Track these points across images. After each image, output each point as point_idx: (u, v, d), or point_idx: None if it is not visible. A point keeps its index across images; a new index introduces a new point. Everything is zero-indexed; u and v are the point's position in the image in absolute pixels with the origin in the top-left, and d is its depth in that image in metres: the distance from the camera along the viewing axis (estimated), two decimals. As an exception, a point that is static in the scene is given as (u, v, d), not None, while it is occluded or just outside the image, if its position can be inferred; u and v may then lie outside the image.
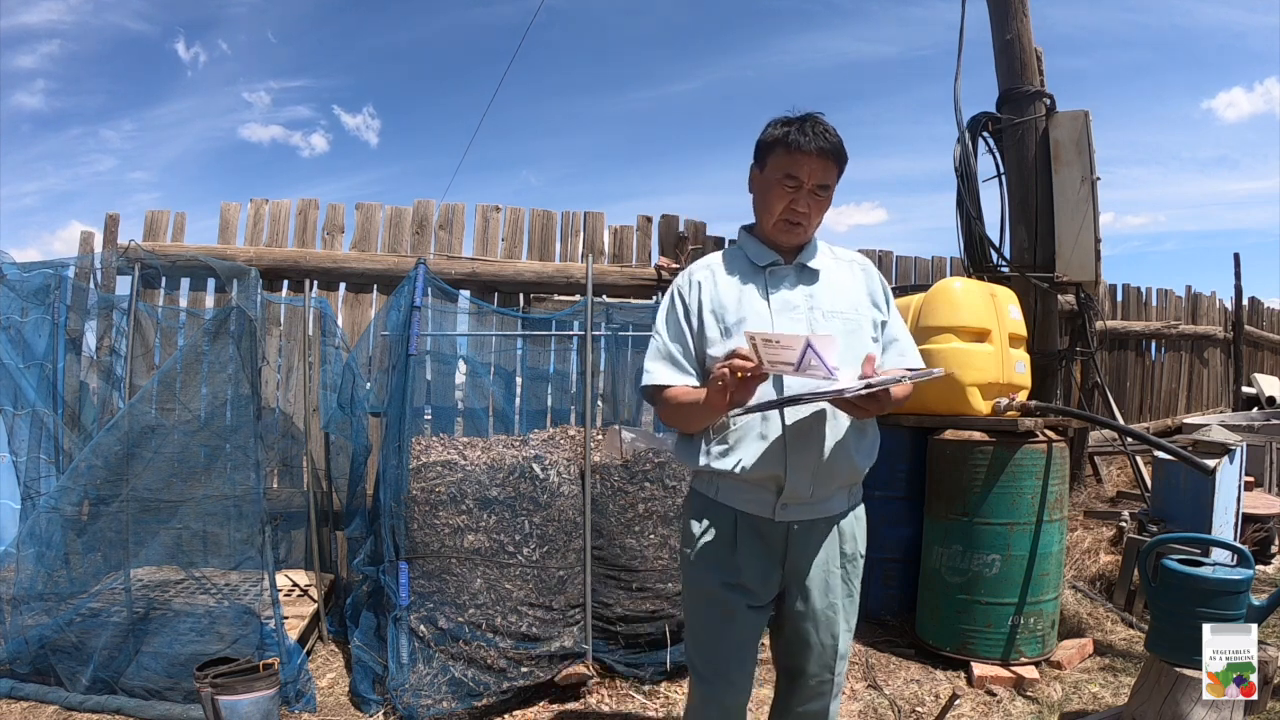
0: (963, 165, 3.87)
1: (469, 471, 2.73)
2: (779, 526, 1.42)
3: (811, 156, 1.36)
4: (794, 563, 1.45)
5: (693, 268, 1.53)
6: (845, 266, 1.53)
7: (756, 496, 1.42)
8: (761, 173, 1.45)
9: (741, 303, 1.44)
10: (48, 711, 2.41)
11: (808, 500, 1.41)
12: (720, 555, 1.45)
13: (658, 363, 1.47)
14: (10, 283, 2.96)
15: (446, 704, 2.36)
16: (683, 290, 1.50)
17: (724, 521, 1.45)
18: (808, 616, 1.47)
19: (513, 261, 3.74)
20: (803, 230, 1.44)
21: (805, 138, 1.36)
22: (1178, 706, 1.87)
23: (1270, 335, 8.50)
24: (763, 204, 1.46)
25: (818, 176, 1.39)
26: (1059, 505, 2.76)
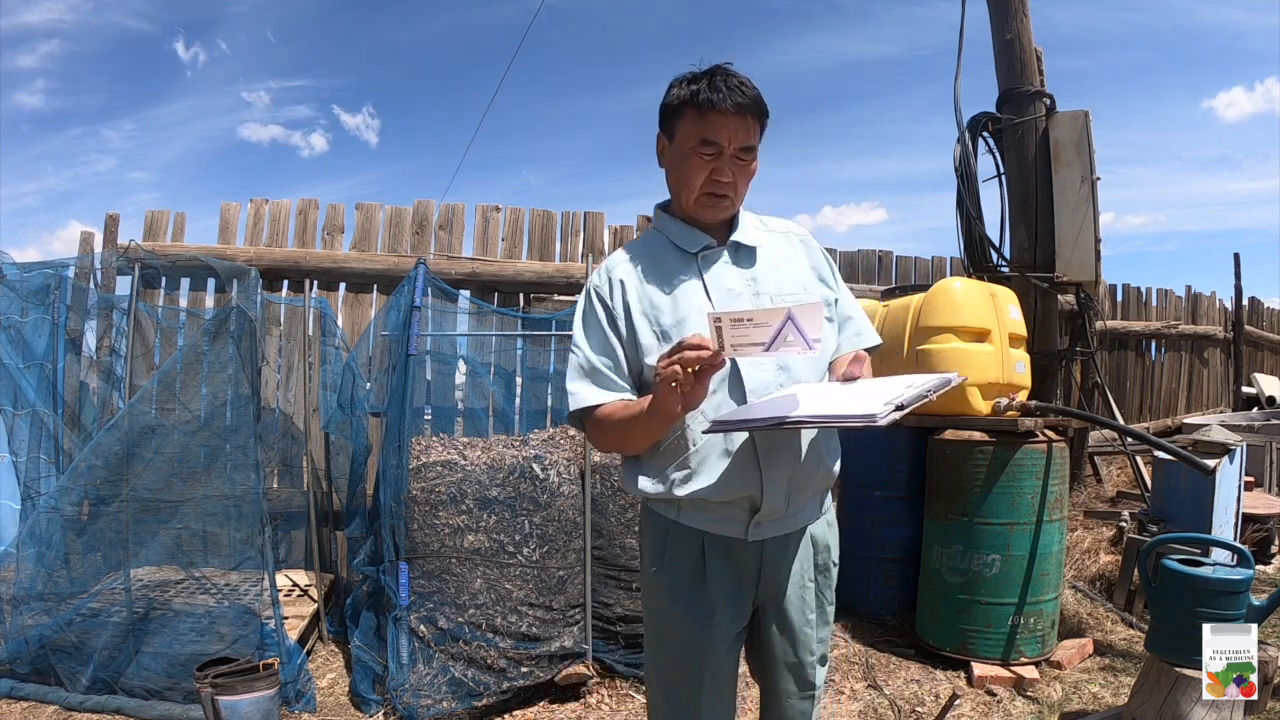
0: (963, 165, 3.87)
1: (469, 471, 2.73)
2: (752, 546, 1.24)
3: (729, 115, 1.15)
4: (768, 583, 1.28)
5: (609, 263, 1.30)
6: (782, 240, 1.34)
7: (727, 517, 1.23)
8: (672, 143, 1.24)
9: (677, 300, 1.22)
10: (48, 711, 2.41)
11: (783, 514, 1.23)
12: (687, 587, 1.26)
13: (582, 381, 1.23)
14: (10, 283, 2.96)
15: (446, 704, 2.36)
16: (602, 292, 1.26)
17: (689, 547, 1.25)
18: (786, 638, 1.31)
19: (513, 261, 3.74)
20: (729, 203, 1.24)
21: (718, 94, 1.15)
22: (1178, 706, 1.86)
23: (1270, 335, 8.50)
24: (679, 178, 1.25)
25: (739, 138, 1.18)
26: (1059, 505, 2.76)
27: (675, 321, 1.20)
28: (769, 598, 1.29)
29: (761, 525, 1.22)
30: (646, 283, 1.25)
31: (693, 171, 1.21)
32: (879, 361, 1.33)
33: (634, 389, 1.23)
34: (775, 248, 1.31)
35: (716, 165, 1.19)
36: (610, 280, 1.26)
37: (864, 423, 0.93)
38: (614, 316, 1.24)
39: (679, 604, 1.27)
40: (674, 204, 1.30)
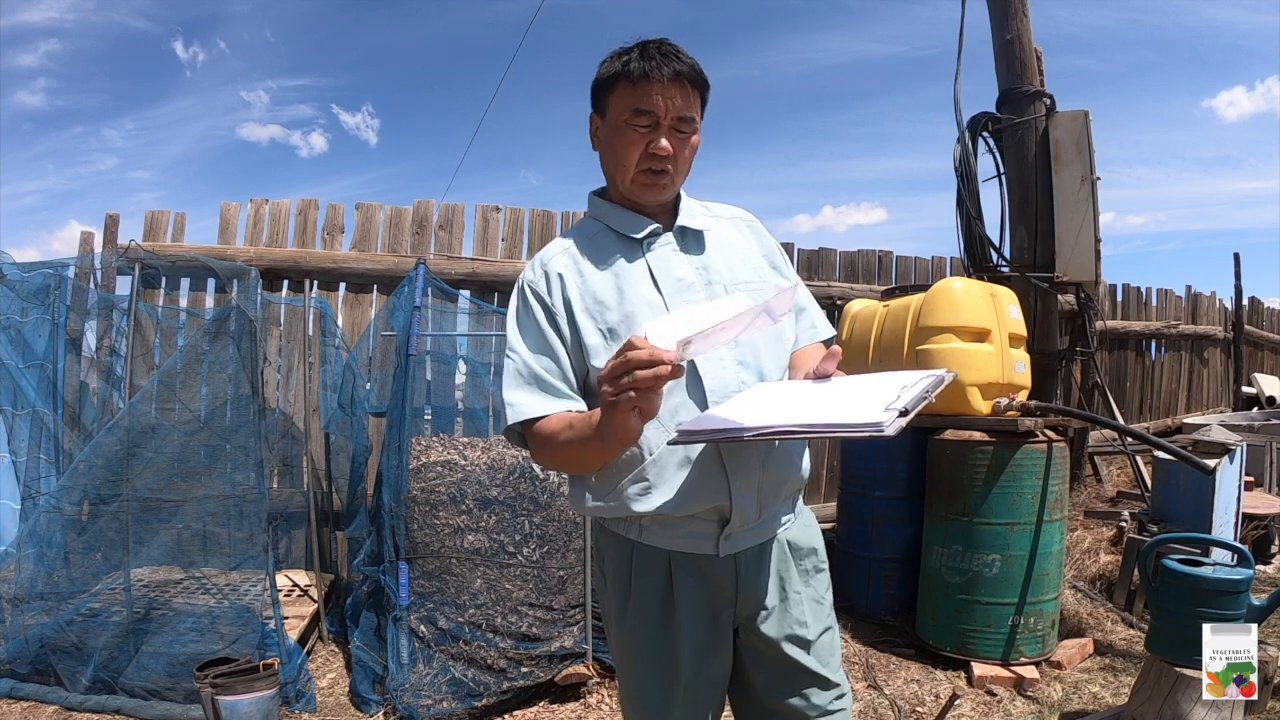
0: (963, 165, 3.87)
1: (469, 471, 2.73)
2: (724, 563, 1.10)
3: (663, 83, 1.05)
4: (748, 600, 1.13)
5: (543, 256, 1.16)
6: (729, 225, 1.22)
7: (694, 532, 1.09)
8: (604, 119, 1.13)
9: (623, 293, 1.09)
10: (48, 711, 2.41)
11: (755, 523, 1.10)
12: (655, 620, 1.12)
13: (521, 390, 1.08)
14: (10, 283, 2.96)
15: (446, 704, 2.36)
16: (538, 288, 1.12)
17: (656, 571, 1.11)
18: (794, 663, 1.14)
19: (513, 261, 3.74)
20: (668, 180, 1.11)
21: (650, 62, 1.05)
22: (1178, 706, 1.86)
23: (1270, 335, 8.50)
24: (613, 157, 1.12)
25: (676, 106, 1.07)
26: (1059, 505, 2.76)
27: (622, 318, 1.08)
28: (750, 615, 1.14)
29: (733, 538, 1.09)
30: (587, 276, 1.11)
31: (627, 147, 1.09)
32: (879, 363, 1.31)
33: (579, 394, 1.09)
34: (723, 233, 1.20)
35: (652, 138, 1.08)
36: (547, 275, 1.12)
37: (870, 432, 0.83)
38: (553, 315, 1.10)
39: (645, 638, 1.13)
40: (610, 189, 1.18)
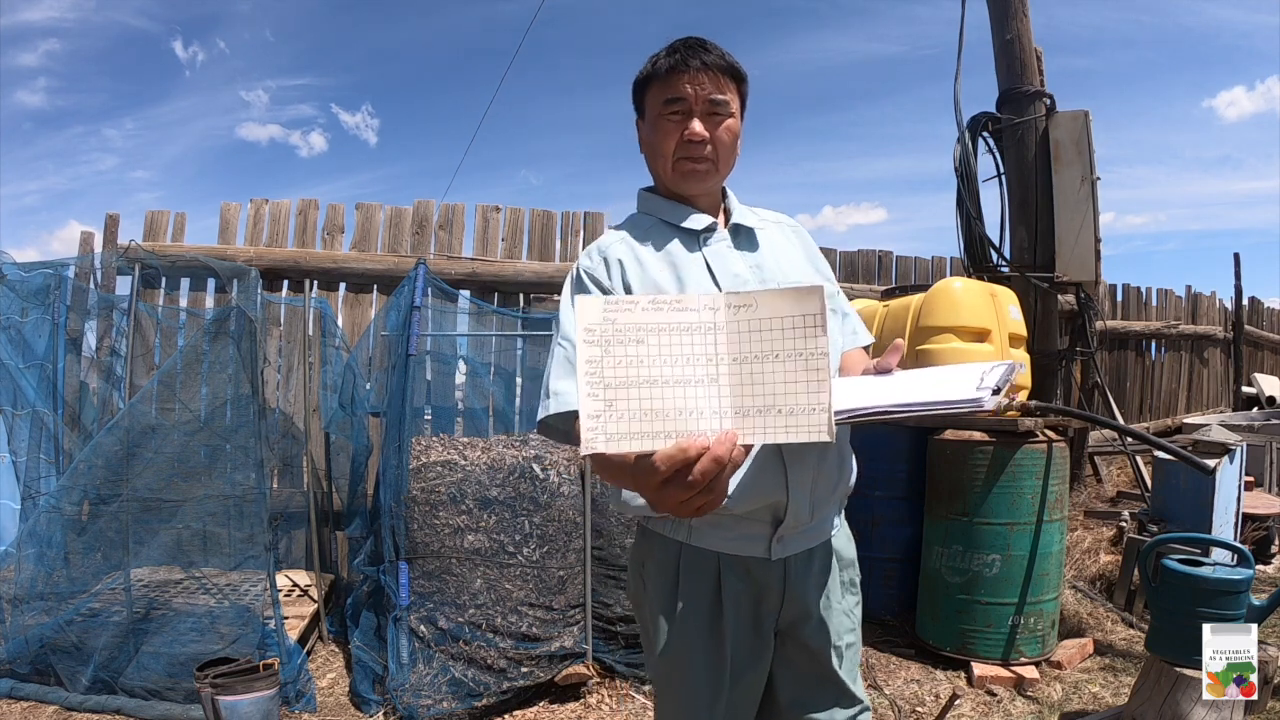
0: (963, 165, 3.87)
1: (469, 471, 2.73)
2: (774, 567, 1.07)
3: (692, 71, 1.06)
4: (793, 606, 1.10)
5: (601, 244, 1.13)
6: (775, 228, 1.21)
7: (747, 533, 1.06)
8: (644, 119, 1.14)
9: (684, 284, 1.07)
10: (48, 711, 2.41)
11: (807, 525, 1.08)
12: (702, 626, 1.08)
13: (570, 379, 1.00)
14: (10, 283, 2.96)
15: (446, 704, 2.36)
16: (596, 273, 1.08)
17: (704, 574, 1.08)
18: (824, 675, 1.13)
19: (513, 261, 3.74)
20: (710, 169, 1.10)
21: (676, 56, 1.07)
22: (1178, 706, 1.86)
23: (1270, 335, 8.50)
24: (652, 151, 1.12)
25: (706, 90, 1.06)
26: (1059, 505, 2.76)
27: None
28: (792, 622, 1.11)
29: (785, 540, 1.06)
30: (646, 265, 1.09)
31: (663, 137, 1.09)
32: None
33: None
34: (772, 234, 1.20)
35: (686, 124, 1.07)
36: (606, 261, 1.09)
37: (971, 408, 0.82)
38: None
39: (698, 641, 1.08)
40: (657, 186, 1.19)
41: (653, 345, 0.75)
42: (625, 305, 0.76)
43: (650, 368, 0.74)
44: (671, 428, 0.73)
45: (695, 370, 0.75)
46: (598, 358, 0.74)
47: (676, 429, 0.73)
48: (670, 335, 0.75)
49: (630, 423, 0.73)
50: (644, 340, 0.75)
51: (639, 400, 0.74)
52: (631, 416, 0.73)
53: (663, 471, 0.71)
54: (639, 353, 0.75)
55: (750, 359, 0.75)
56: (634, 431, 0.73)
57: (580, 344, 0.74)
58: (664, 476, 0.72)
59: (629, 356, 0.74)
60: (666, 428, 0.73)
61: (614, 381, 0.73)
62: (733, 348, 0.75)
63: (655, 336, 0.75)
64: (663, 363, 0.75)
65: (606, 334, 0.75)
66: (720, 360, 0.75)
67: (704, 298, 0.76)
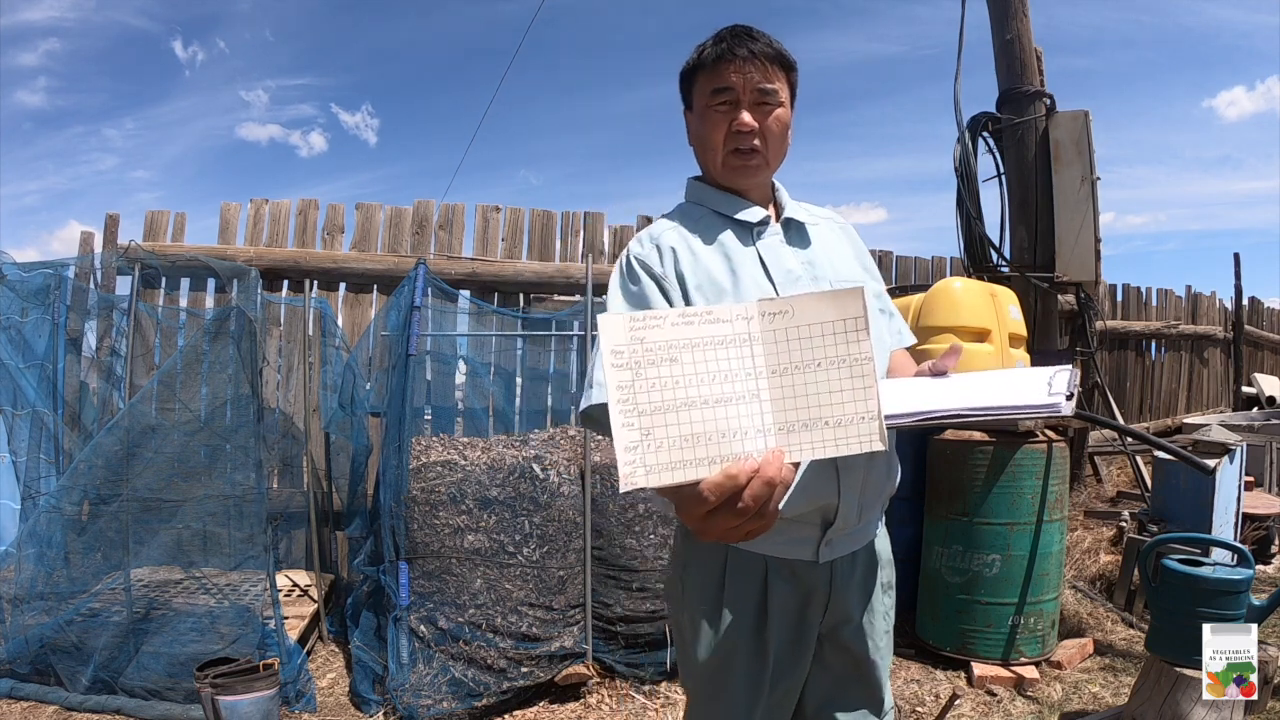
0: (963, 165, 3.87)
1: (469, 471, 2.73)
2: (821, 570, 1.05)
3: (738, 60, 1.03)
4: (837, 610, 1.08)
5: (653, 231, 1.09)
6: (826, 225, 1.19)
7: (796, 536, 1.03)
8: (692, 111, 1.12)
9: (738, 277, 1.04)
10: (48, 711, 2.41)
11: (854, 527, 1.06)
12: (746, 631, 1.06)
13: None
14: (10, 283, 2.96)
15: (446, 704, 2.36)
16: (647, 261, 1.05)
17: (751, 577, 1.05)
18: (856, 680, 1.12)
19: (513, 262, 3.74)
20: (760, 160, 1.07)
21: (723, 45, 1.04)
22: (1178, 706, 1.86)
23: (1270, 335, 8.50)
24: (701, 144, 1.10)
25: (753, 80, 1.03)
26: (1059, 505, 2.76)
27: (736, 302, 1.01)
28: (834, 626, 1.10)
29: (832, 543, 1.05)
30: (699, 254, 1.06)
31: (711, 129, 1.07)
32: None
33: None
34: (823, 231, 1.17)
35: (734, 115, 1.05)
36: (659, 248, 1.06)
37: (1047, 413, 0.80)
38: (666, 290, 1.03)
39: (743, 646, 1.06)
40: (706, 177, 1.16)
41: (687, 364, 0.70)
42: (654, 321, 0.70)
43: (687, 388, 0.69)
44: (715, 452, 0.68)
45: (734, 386, 0.70)
46: (628, 382, 0.68)
47: (720, 453, 0.68)
48: (704, 350, 0.70)
49: (670, 451, 0.68)
50: (677, 358, 0.70)
51: (678, 426, 0.68)
52: (671, 444, 0.68)
53: (712, 502, 0.67)
54: (673, 373, 0.69)
55: (791, 369, 0.71)
56: (675, 461, 0.68)
57: (608, 368, 0.68)
58: (712, 506, 0.68)
59: (663, 378, 0.69)
60: (710, 453, 0.68)
61: (649, 407, 0.68)
62: (771, 359, 0.71)
63: (689, 353, 0.70)
64: (699, 381, 0.69)
65: (636, 355, 0.69)
66: (759, 373, 0.71)
67: (735, 307, 0.72)
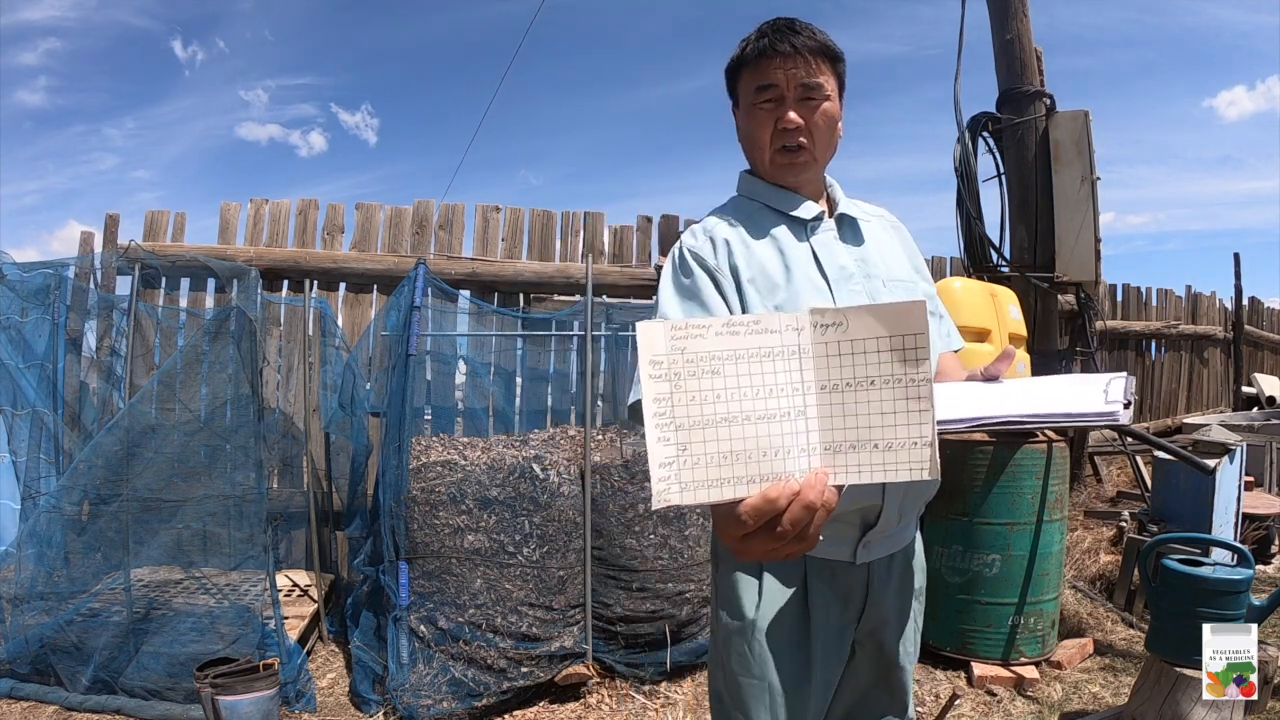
0: (963, 165, 3.87)
1: (469, 471, 2.73)
2: (859, 571, 1.05)
3: (781, 56, 1.01)
4: (873, 613, 1.07)
5: (705, 224, 1.09)
6: (878, 223, 1.17)
7: (837, 535, 1.03)
8: (738, 108, 1.10)
9: (791, 272, 1.02)
10: (48, 711, 2.41)
11: (893, 529, 1.06)
12: (789, 632, 1.04)
13: None
14: (10, 283, 2.96)
15: (446, 704, 2.36)
16: (702, 253, 1.04)
17: (789, 579, 1.04)
18: (883, 685, 1.11)
19: (513, 261, 3.74)
20: (807, 157, 1.05)
21: (765, 40, 1.02)
22: (1178, 706, 1.86)
23: (1270, 335, 8.50)
24: (749, 142, 1.09)
25: (798, 75, 1.01)
26: (1059, 505, 2.76)
27: (790, 297, 1.01)
28: (869, 631, 1.09)
29: (870, 545, 1.04)
30: (753, 248, 1.04)
31: (758, 127, 1.05)
32: None
33: None
34: (875, 228, 1.15)
35: (780, 112, 1.03)
36: (713, 240, 1.04)
37: (1107, 421, 0.79)
38: (719, 282, 1.01)
39: (785, 650, 1.03)
40: (757, 173, 1.14)
41: (730, 376, 0.65)
42: (696, 331, 0.66)
43: (729, 403, 0.65)
44: (755, 471, 0.65)
45: (780, 402, 0.65)
46: (666, 394, 0.64)
47: (760, 473, 0.65)
48: (749, 363, 0.66)
49: (708, 469, 0.64)
50: (719, 370, 0.65)
51: (717, 442, 0.64)
52: (709, 461, 0.64)
53: (749, 525, 0.64)
54: (714, 385, 0.65)
55: (841, 386, 0.66)
56: (713, 479, 0.64)
57: (646, 380, 0.64)
58: (750, 530, 0.65)
59: (703, 391, 0.65)
60: (749, 471, 0.65)
61: (687, 422, 0.64)
62: (820, 374, 0.66)
63: (733, 365, 0.65)
64: (742, 396, 0.65)
65: (675, 366, 0.65)
66: (807, 389, 0.66)
67: (785, 317, 0.67)
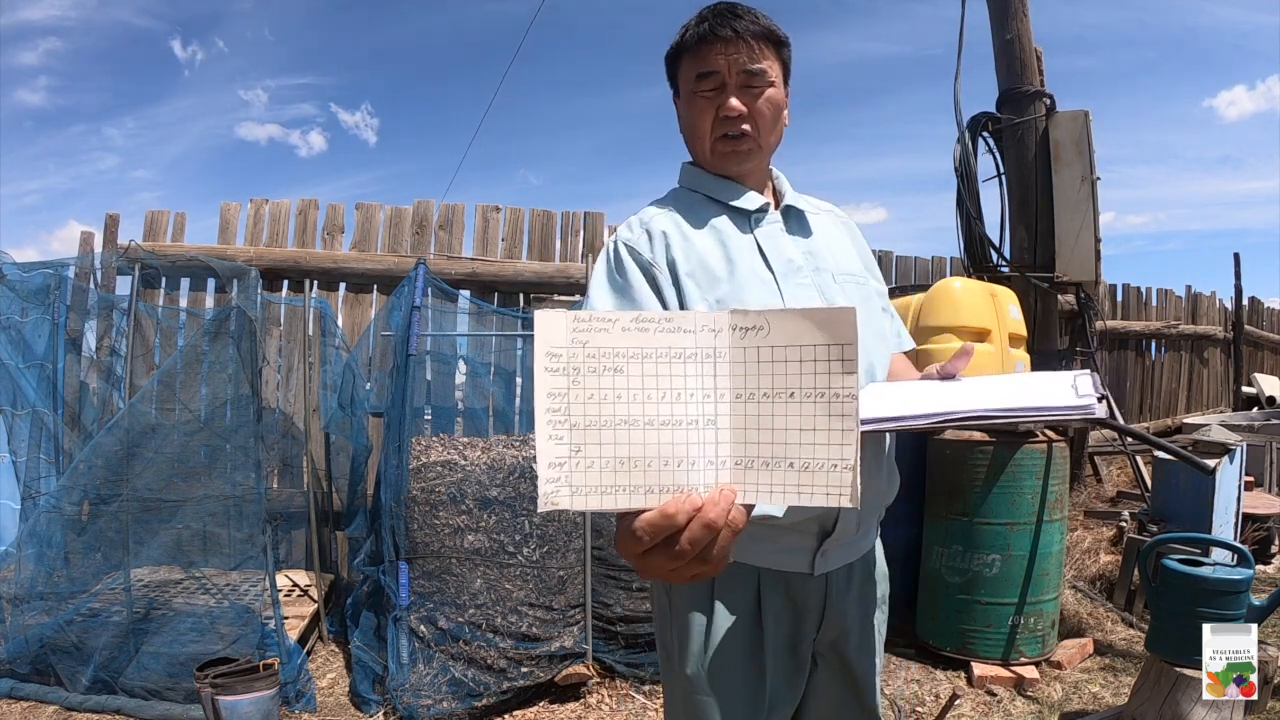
0: (963, 165, 3.87)
1: (469, 471, 2.73)
2: (816, 583, 0.99)
3: (722, 41, 0.96)
4: (832, 624, 1.02)
5: (642, 216, 1.02)
6: (826, 217, 1.12)
7: (792, 546, 0.97)
8: (679, 96, 1.05)
9: (734, 264, 0.97)
10: (48, 711, 2.41)
11: (851, 537, 1.00)
12: (739, 650, 0.98)
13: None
14: (10, 283, 2.96)
15: (446, 704, 2.36)
16: (636, 246, 0.98)
17: (743, 592, 0.98)
18: (850, 687, 1.06)
19: (513, 261, 3.74)
20: (750, 145, 1.00)
21: (705, 25, 0.98)
22: (1178, 706, 1.86)
23: (1270, 335, 8.50)
24: (689, 131, 1.04)
25: (739, 61, 0.96)
26: (1059, 505, 2.76)
27: (733, 290, 0.95)
28: (830, 643, 1.03)
29: (828, 554, 0.98)
30: (692, 240, 0.98)
31: (698, 115, 1.01)
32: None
33: None
34: (824, 222, 1.11)
35: (720, 100, 0.98)
36: (649, 233, 0.98)
37: (1080, 414, 0.75)
38: (655, 277, 0.96)
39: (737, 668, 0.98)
40: (699, 163, 1.09)
41: (634, 376, 0.60)
42: (601, 324, 0.60)
43: (629, 404, 0.59)
44: (654, 481, 0.59)
45: (688, 409, 0.60)
46: (563, 390, 0.59)
47: (660, 483, 0.59)
48: (658, 363, 0.60)
49: (602, 474, 0.59)
50: (623, 369, 0.59)
51: (614, 445, 0.59)
52: (604, 466, 0.59)
53: (646, 541, 0.58)
54: (616, 384, 0.59)
55: (758, 396, 0.60)
56: (607, 485, 0.59)
57: (540, 373, 0.59)
58: (649, 546, 0.58)
59: (603, 390, 0.59)
60: (648, 481, 0.59)
61: (583, 421, 0.59)
62: (736, 381, 0.60)
63: (638, 364, 0.60)
64: (645, 398, 0.59)
65: (576, 360, 0.59)
66: (720, 397, 0.60)
67: (702, 317, 0.61)
